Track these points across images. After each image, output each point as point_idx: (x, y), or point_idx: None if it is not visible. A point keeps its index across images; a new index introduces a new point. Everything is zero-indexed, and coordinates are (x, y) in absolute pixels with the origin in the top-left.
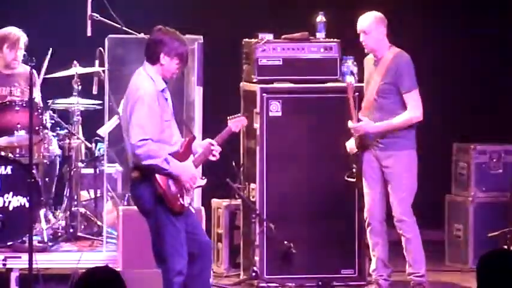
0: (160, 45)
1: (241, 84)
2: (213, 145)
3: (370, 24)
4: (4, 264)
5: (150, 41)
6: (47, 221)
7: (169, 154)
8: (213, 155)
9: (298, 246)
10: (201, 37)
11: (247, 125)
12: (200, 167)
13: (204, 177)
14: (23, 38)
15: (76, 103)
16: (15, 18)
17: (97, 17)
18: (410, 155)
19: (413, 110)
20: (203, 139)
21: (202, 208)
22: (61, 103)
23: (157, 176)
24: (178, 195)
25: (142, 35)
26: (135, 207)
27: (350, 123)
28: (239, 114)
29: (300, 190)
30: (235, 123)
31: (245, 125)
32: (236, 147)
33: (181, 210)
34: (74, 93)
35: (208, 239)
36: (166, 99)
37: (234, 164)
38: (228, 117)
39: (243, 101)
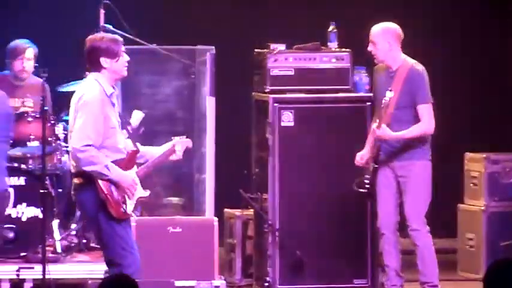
0: (96, 51)
1: (253, 94)
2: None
3: (377, 34)
4: (18, 275)
5: (86, 52)
6: (60, 231)
7: (113, 161)
8: (176, 154)
9: (311, 256)
10: (213, 47)
11: (260, 134)
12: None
13: (147, 190)
14: (30, 49)
15: None
16: (27, 30)
17: (109, 28)
18: (425, 166)
19: (427, 123)
20: (216, 150)
21: (216, 219)
22: None
23: (99, 181)
24: (121, 202)
25: (154, 46)
26: (148, 218)
27: (374, 127)
28: (184, 136)
29: (312, 200)
30: (180, 143)
31: (190, 147)
32: (248, 157)
33: (124, 217)
34: None
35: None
36: (114, 104)
37: (246, 173)
38: (173, 137)
39: (255, 111)
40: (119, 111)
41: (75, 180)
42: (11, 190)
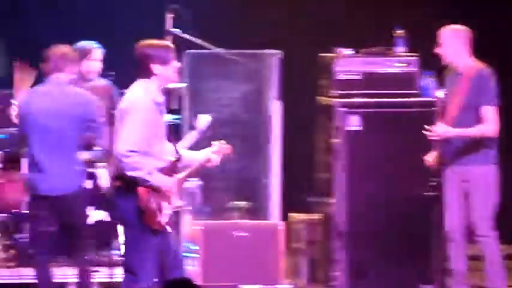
0: (147, 58)
1: (319, 98)
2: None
3: (445, 36)
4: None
5: (137, 58)
6: None
7: (156, 168)
8: (214, 160)
9: (377, 261)
10: (280, 52)
11: (326, 139)
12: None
13: (182, 200)
14: (97, 50)
15: None
16: (94, 32)
17: (174, 33)
18: (492, 170)
19: (489, 124)
20: (284, 154)
21: (282, 223)
22: None
23: (139, 188)
24: (157, 212)
25: (220, 50)
26: (214, 222)
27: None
28: (224, 142)
29: (379, 204)
30: (219, 149)
31: (229, 153)
32: (314, 161)
33: (158, 227)
34: None
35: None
36: (162, 112)
37: (312, 178)
38: (213, 142)
39: (321, 116)
40: (184, 114)
41: (115, 183)
42: None
